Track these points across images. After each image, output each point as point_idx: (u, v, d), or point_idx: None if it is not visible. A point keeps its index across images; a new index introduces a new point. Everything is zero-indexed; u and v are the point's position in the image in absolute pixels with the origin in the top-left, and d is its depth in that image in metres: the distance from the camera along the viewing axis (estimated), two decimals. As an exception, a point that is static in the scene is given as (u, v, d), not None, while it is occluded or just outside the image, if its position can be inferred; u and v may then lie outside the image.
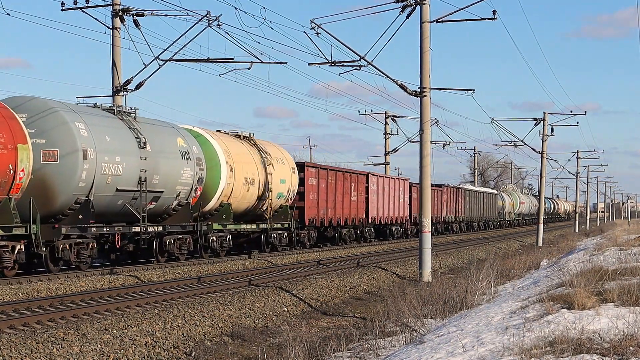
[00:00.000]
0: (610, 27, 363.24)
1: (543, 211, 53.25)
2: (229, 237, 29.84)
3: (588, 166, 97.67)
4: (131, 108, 25.78)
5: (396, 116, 60.19)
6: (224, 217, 29.34)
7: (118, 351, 13.51)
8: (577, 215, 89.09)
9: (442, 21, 25.46)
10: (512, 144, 56.62)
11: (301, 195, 36.09)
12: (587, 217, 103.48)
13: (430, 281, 24.23)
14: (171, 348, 14.38)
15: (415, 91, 25.37)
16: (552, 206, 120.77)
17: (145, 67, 29.45)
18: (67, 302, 16.71)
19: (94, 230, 22.67)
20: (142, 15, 29.11)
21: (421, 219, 25.57)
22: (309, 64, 26.50)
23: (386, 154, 59.64)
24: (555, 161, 70.51)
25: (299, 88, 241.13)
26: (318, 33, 24.71)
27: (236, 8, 26.18)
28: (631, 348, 8.62)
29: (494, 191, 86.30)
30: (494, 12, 24.93)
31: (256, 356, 13.76)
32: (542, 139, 52.36)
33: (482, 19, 25.19)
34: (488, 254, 36.20)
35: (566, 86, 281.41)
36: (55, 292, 18.91)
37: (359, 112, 58.19)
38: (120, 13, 29.06)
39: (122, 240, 24.46)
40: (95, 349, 13.28)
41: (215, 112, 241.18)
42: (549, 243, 50.30)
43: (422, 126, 25.52)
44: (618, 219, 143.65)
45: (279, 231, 33.83)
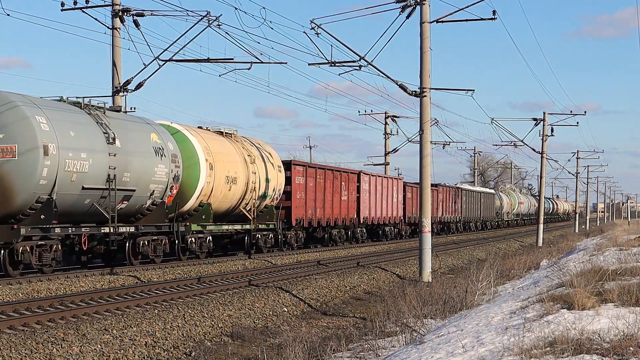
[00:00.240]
0: (610, 27, 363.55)
1: (542, 211, 53.21)
2: (209, 239, 28.56)
3: (588, 166, 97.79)
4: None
5: (396, 116, 60.24)
6: (204, 218, 28.01)
7: (118, 351, 13.51)
8: (577, 215, 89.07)
9: (442, 21, 25.49)
10: (512, 144, 56.70)
11: (288, 194, 34.88)
12: (587, 217, 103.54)
13: (430, 281, 24.23)
14: (171, 348, 14.38)
15: (415, 91, 25.38)
16: (551, 206, 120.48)
17: (145, 67, 29.50)
18: (67, 303, 16.70)
19: (58, 231, 21.35)
20: (142, 15, 29.14)
21: (421, 219, 25.57)
22: (309, 64, 26.55)
23: (386, 154, 59.67)
24: (555, 161, 70.60)
25: (299, 88, 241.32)
26: (318, 33, 24.73)
27: (236, 8, 26.21)
28: (631, 348, 8.62)
29: (492, 191, 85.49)
30: (494, 12, 24.97)
31: (256, 356, 13.76)
32: (542, 139, 52.39)
33: (482, 19, 25.22)
34: (488, 254, 36.21)
35: (566, 86, 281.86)
36: (55, 293, 18.91)
37: (359, 112, 58.26)
38: (120, 13, 29.08)
39: (91, 241, 23.17)
40: (95, 349, 13.28)
41: (215, 112, 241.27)
42: (549, 243, 50.31)
43: (422, 126, 25.53)
44: (618, 219, 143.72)
45: (264, 232, 32.52)
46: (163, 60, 29.43)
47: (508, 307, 13.49)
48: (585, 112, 54.09)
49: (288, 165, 35.16)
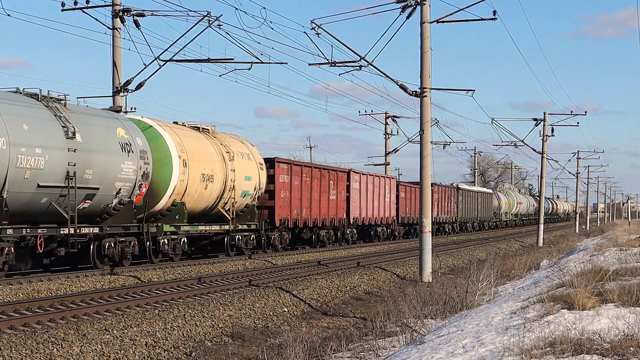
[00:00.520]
0: (610, 27, 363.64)
1: (543, 211, 53.21)
2: (184, 240, 27.09)
3: (588, 166, 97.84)
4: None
5: (396, 116, 60.26)
6: (177, 218, 26.56)
7: (118, 351, 13.52)
8: (578, 215, 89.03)
9: (443, 21, 25.48)
10: (513, 144, 56.70)
11: (271, 193, 33.34)
12: (588, 218, 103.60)
13: (430, 281, 24.23)
14: (171, 348, 14.39)
15: (415, 91, 25.38)
16: (551, 206, 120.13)
17: (145, 68, 29.55)
18: (68, 303, 16.70)
19: (10, 232, 19.81)
20: (143, 15, 29.17)
21: (421, 219, 25.59)
22: (309, 64, 26.54)
23: (386, 154, 59.69)
24: (555, 161, 70.64)
25: (299, 88, 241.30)
26: (318, 33, 24.73)
27: (236, 8, 26.23)
28: (631, 348, 8.62)
29: (489, 190, 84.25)
30: (494, 13, 24.97)
31: (256, 356, 13.76)
32: (543, 139, 52.40)
33: (483, 19, 25.22)
34: (488, 255, 36.24)
35: (566, 86, 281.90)
36: (55, 293, 18.91)
37: (359, 113, 58.30)
38: (120, 13, 29.11)
39: (50, 243, 21.48)
40: (95, 350, 13.29)
41: (215, 113, 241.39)
42: (549, 243, 50.33)
43: (423, 126, 25.53)
44: (618, 219, 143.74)
45: (245, 233, 31.08)
46: (163, 60, 29.49)
47: (508, 307, 13.49)
48: (585, 112, 54.16)
49: (271, 162, 33.70)
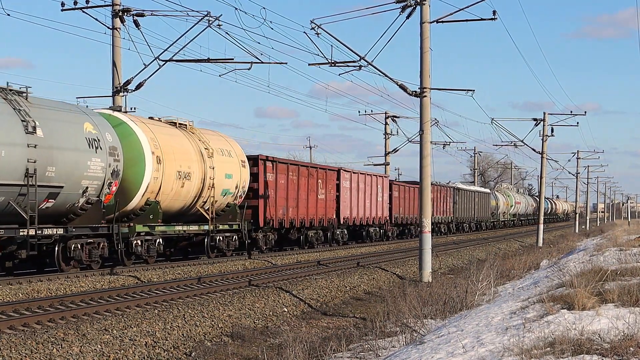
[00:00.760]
0: (610, 28, 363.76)
1: (543, 211, 53.23)
2: (159, 241, 25.81)
3: (588, 166, 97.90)
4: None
5: (396, 116, 60.28)
6: (151, 218, 25.28)
7: (118, 351, 13.52)
8: (577, 215, 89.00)
9: (442, 21, 25.49)
10: (512, 144, 56.69)
11: (255, 192, 31.97)
12: (587, 218, 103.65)
13: (430, 281, 24.24)
14: (171, 348, 14.39)
15: (415, 91, 25.39)
16: (550, 206, 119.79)
17: (145, 68, 29.56)
18: (67, 303, 16.70)
19: None
20: (142, 15, 29.18)
21: (421, 219, 25.63)
22: (309, 64, 26.55)
23: (386, 154, 59.71)
24: (555, 161, 70.68)
25: (299, 88, 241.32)
26: (318, 33, 24.74)
27: (236, 8, 26.27)
28: (631, 349, 8.62)
29: (487, 190, 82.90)
30: (494, 13, 24.96)
31: (256, 356, 13.76)
32: (542, 139, 52.41)
33: (482, 19, 25.21)
34: (488, 255, 36.22)
35: (566, 86, 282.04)
36: (55, 293, 18.91)
37: (359, 113, 58.30)
38: (120, 13, 29.12)
39: (9, 245, 20.34)
40: (95, 350, 13.29)
41: (215, 113, 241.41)
42: (549, 243, 50.35)
43: (422, 126, 25.54)
44: (618, 220, 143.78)
45: (227, 233, 29.75)
46: (163, 60, 29.50)
47: (508, 308, 13.49)
48: (585, 112, 54.14)
49: (255, 160, 32.26)
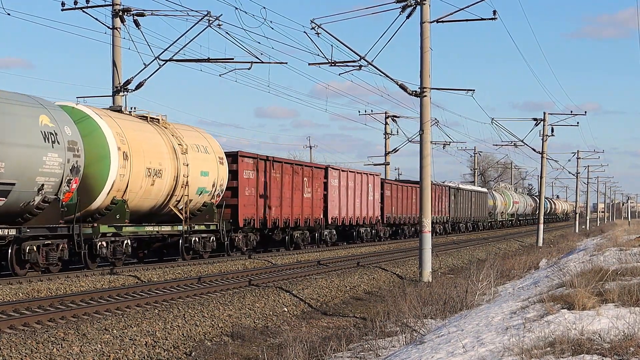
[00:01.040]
0: (610, 28, 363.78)
1: (543, 211, 53.23)
2: (127, 242, 24.37)
3: (588, 166, 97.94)
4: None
5: (396, 116, 60.32)
6: (118, 218, 23.80)
7: (118, 351, 13.52)
8: (577, 215, 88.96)
9: (443, 21, 25.49)
10: (513, 144, 56.70)
11: (234, 190, 30.46)
12: (587, 218, 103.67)
13: (430, 281, 24.25)
14: (171, 348, 14.39)
15: (415, 91, 25.39)
16: (549, 206, 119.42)
17: (145, 67, 29.56)
18: (67, 302, 16.70)
19: None
20: (143, 15, 29.18)
21: (421, 219, 25.61)
22: (309, 64, 26.56)
23: (386, 154, 59.73)
24: (555, 161, 70.67)
25: (300, 88, 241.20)
26: (318, 33, 24.75)
27: (236, 8, 26.31)
28: (631, 349, 8.62)
29: (484, 189, 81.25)
30: (494, 12, 24.97)
31: (256, 356, 13.75)
32: (542, 139, 52.42)
33: (483, 19, 25.22)
34: (488, 254, 36.24)
35: (566, 86, 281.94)
36: (55, 292, 18.91)
37: (359, 112, 58.35)
38: (120, 13, 29.12)
39: None
40: (95, 349, 13.29)
41: (215, 113, 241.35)
42: (549, 243, 50.34)
43: (422, 126, 25.54)
44: (618, 219, 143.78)
45: (203, 234, 28.32)
46: (163, 60, 29.49)
47: (508, 307, 13.49)
48: (585, 112, 54.17)
49: (234, 157, 30.80)
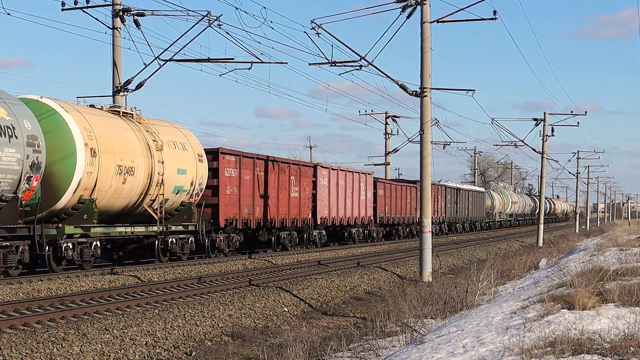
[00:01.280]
0: (611, 28, 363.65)
1: (543, 211, 53.23)
2: (96, 244, 23.01)
3: (588, 166, 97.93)
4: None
5: (396, 116, 60.36)
6: (86, 218, 22.43)
7: (118, 351, 13.52)
8: (578, 215, 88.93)
9: (443, 21, 25.50)
10: (513, 144, 56.70)
11: (214, 189, 29.28)
12: (588, 218, 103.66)
13: (430, 281, 24.25)
14: (171, 348, 14.39)
15: (415, 91, 25.39)
16: (549, 206, 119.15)
17: (145, 67, 29.54)
18: (68, 302, 16.71)
19: None
20: (143, 15, 29.17)
21: (421, 219, 25.62)
22: (310, 64, 26.57)
23: (387, 154, 59.76)
24: (555, 161, 70.66)
25: (300, 88, 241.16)
26: (318, 33, 24.76)
27: (236, 8, 26.28)
28: (631, 348, 8.62)
29: (482, 189, 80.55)
30: (495, 13, 24.98)
31: (257, 356, 13.76)
32: (543, 139, 52.44)
33: (483, 19, 25.23)
34: (488, 254, 36.24)
35: (566, 86, 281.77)
36: (55, 292, 18.91)
37: (360, 112, 58.49)
38: (120, 13, 29.12)
39: None
40: (95, 349, 13.29)
41: (215, 113, 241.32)
42: (549, 243, 50.35)
43: (423, 126, 25.54)
44: (618, 220, 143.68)
45: (181, 235, 27.11)
46: (163, 60, 29.48)
47: (509, 307, 13.49)
48: (585, 112, 54.24)
49: (215, 154, 29.61)
